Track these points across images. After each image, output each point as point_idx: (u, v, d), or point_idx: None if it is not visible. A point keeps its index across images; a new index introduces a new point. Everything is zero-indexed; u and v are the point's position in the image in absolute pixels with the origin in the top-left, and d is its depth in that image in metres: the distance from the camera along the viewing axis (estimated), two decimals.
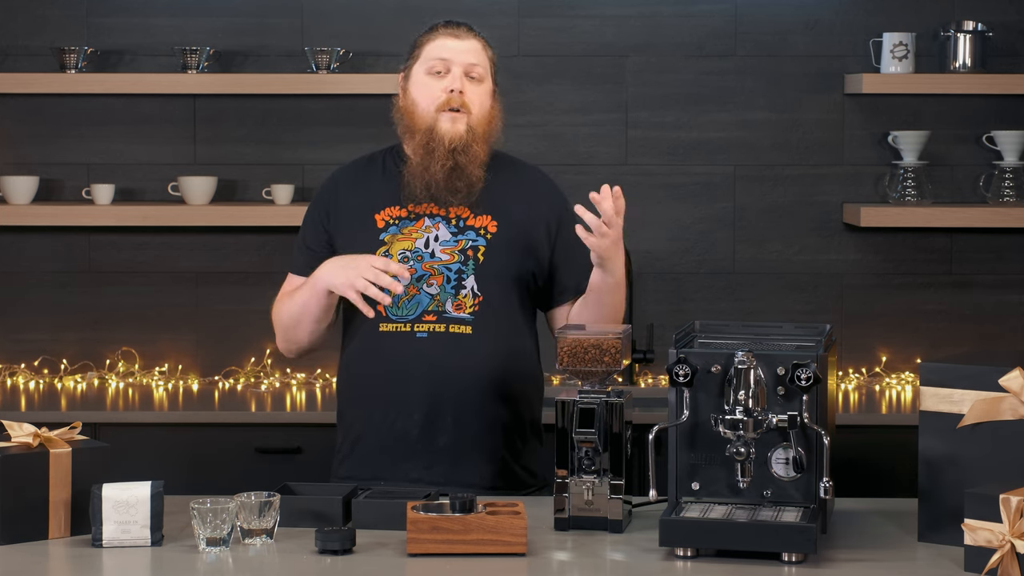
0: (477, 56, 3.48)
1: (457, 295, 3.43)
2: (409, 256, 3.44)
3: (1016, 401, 2.93)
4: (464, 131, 3.43)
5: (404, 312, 3.44)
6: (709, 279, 5.06)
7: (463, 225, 3.47)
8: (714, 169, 5.05)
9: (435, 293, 3.43)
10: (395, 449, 3.45)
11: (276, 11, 5.04)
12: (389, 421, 3.45)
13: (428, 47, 3.49)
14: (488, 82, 3.50)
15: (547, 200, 3.55)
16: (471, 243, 3.46)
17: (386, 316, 3.44)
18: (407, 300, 3.43)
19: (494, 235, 3.47)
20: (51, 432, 3.10)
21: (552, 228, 3.52)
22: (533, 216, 3.52)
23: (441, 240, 3.46)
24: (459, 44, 3.47)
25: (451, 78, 3.45)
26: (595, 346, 3.10)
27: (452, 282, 3.44)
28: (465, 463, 3.44)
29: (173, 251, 5.06)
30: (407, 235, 3.46)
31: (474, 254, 3.45)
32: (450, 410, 3.43)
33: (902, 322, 5.05)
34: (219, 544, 2.94)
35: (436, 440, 3.44)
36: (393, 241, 3.46)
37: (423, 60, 3.48)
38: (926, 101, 5.01)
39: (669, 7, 5.03)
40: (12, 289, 5.08)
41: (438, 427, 3.43)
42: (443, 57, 3.46)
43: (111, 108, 5.04)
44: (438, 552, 2.89)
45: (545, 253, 3.51)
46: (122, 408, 4.61)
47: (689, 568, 2.86)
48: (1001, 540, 2.72)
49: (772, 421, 2.94)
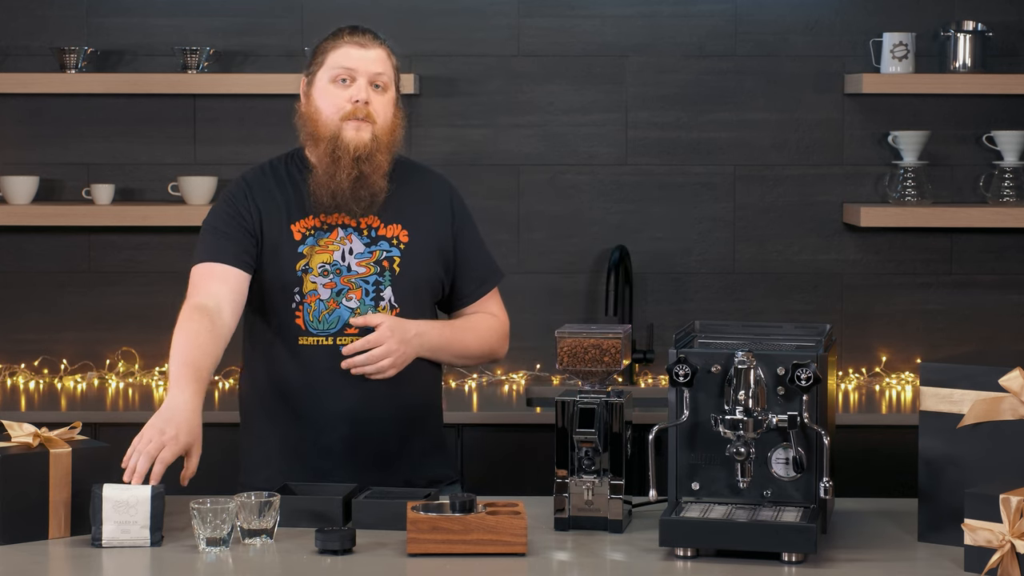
0: (382, 65, 3.45)
1: (376, 307, 3.43)
2: (328, 269, 3.42)
3: (1016, 401, 2.93)
4: (369, 140, 3.41)
5: (325, 326, 3.42)
6: (709, 279, 5.06)
7: (375, 235, 3.46)
8: (714, 169, 5.04)
9: (355, 306, 3.42)
10: (320, 461, 3.42)
11: (276, 11, 5.04)
12: (312, 435, 3.43)
13: (333, 55, 3.45)
14: (392, 91, 3.47)
15: (449, 207, 3.55)
16: (385, 254, 3.45)
17: (306, 330, 3.42)
18: (327, 314, 3.42)
19: (407, 245, 3.46)
20: (51, 432, 3.10)
21: (454, 234, 3.53)
22: (439, 224, 3.52)
23: (355, 252, 3.44)
24: (364, 53, 3.44)
25: (356, 88, 3.42)
26: (595, 346, 3.10)
27: (371, 295, 3.43)
28: (390, 469, 3.44)
29: (173, 251, 5.06)
30: (324, 247, 3.44)
31: (389, 265, 3.45)
32: (375, 421, 3.42)
33: (902, 322, 5.05)
34: (219, 544, 2.94)
35: (363, 451, 3.43)
36: (312, 254, 3.43)
37: (328, 67, 3.45)
38: (926, 101, 5.00)
39: (669, 7, 5.02)
40: (12, 289, 5.07)
41: (365, 439, 3.42)
42: (348, 66, 3.43)
43: (111, 108, 5.04)
44: (438, 552, 2.89)
45: (450, 259, 3.53)
46: (122, 408, 4.61)
47: (689, 568, 2.86)
48: (1001, 540, 2.72)
49: (772, 421, 2.94)
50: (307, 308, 3.41)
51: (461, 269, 3.55)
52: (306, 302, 3.41)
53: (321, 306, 3.41)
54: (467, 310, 3.58)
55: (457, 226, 3.54)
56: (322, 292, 3.41)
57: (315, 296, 3.41)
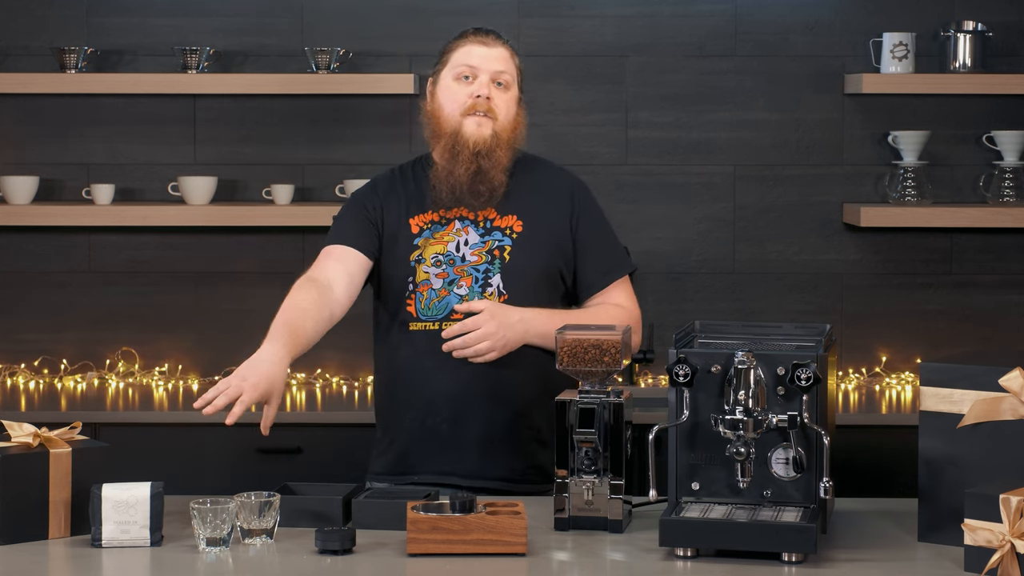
0: (505, 63, 3.53)
1: (483, 294, 3.46)
2: (441, 260, 3.49)
3: (1016, 401, 2.93)
4: (489, 135, 3.48)
5: (433, 313, 3.48)
6: (709, 279, 5.06)
7: (490, 226, 3.52)
8: (714, 169, 5.05)
9: (464, 294, 3.48)
10: (428, 445, 3.49)
11: (276, 11, 5.04)
12: (420, 417, 3.50)
13: (456, 53, 3.53)
14: (515, 89, 3.55)
15: (568, 200, 3.58)
16: (497, 243, 3.50)
17: (416, 316, 3.49)
18: (437, 301, 3.48)
19: (519, 234, 3.51)
20: (51, 432, 3.10)
21: (573, 226, 3.56)
22: (557, 215, 3.56)
23: (470, 243, 3.51)
24: (487, 51, 3.52)
25: (478, 84, 3.49)
26: (595, 346, 3.10)
27: (479, 282, 3.48)
28: (494, 458, 3.48)
29: (173, 251, 5.06)
30: (439, 239, 3.51)
31: (500, 253, 3.50)
32: (477, 406, 3.47)
33: (902, 322, 5.05)
34: (219, 544, 2.94)
35: (464, 435, 3.47)
36: (426, 245, 3.51)
37: (451, 66, 3.53)
38: (926, 101, 5.00)
39: (669, 7, 5.03)
40: (12, 289, 5.08)
41: (465, 423, 3.47)
42: (471, 64, 3.50)
43: (111, 108, 5.04)
44: (438, 552, 2.89)
45: (569, 250, 3.55)
46: (122, 408, 4.61)
47: (689, 568, 2.86)
48: (1001, 540, 2.72)
49: (772, 421, 2.94)
50: (419, 296, 3.49)
51: (583, 260, 3.56)
52: (419, 291, 3.49)
53: (432, 294, 3.48)
54: (592, 300, 3.58)
55: (577, 218, 3.56)
56: (434, 281, 3.48)
57: (427, 285, 3.49)
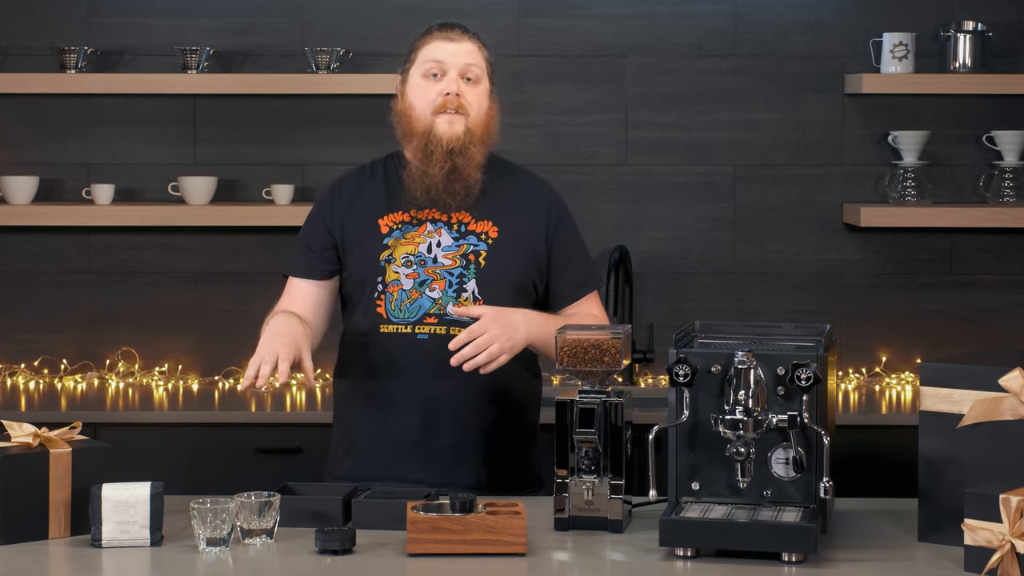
0: (473, 56, 3.48)
1: (458, 299, 3.43)
2: (412, 260, 3.45)
3: (1016, 401, 2.93)
4: (462, 132, 3.43)
5: (405, 315, 3.44)
6: (709, 279, 5.06)
7: (465, 230, 3.48)
8: (714, 169, 5.04)
9: (436, 297, 3.44)
10: (393, 451, 3.45)
11: (276, 11, 5.04)
12: (389, 422, 3.46)
13: (423, 50, 3.49)
14: (485, 82, 3.49)
15: (546, 212, 3.54)
16: (472, 248, 3.47)
17: (387, 318, 3.45)
18: (408, 303, 3.44)
19: (495, 240, 3.47)
20: (51, 432, 3.10)
21: (549, 238, 3.52)
22: (533, 226, 3.52)
23: (443, 245, 3.46)
24: (454, 46, 3.47)
25: (447, 81, 3.44)
26: (595, 346, 3.10)
27: (454, 286, 3.44)
28: (463, 465, 3.44)
29: (173, 251, 5.06)
30: (410, 239, 3.47)
31: (475, 259, 3.46)
32: (449, 412, 3.43)
33: (902, 322, 5.05)
34: (219, 544, 2.94)
35: (435, 442, 3.44)
36: (396, 245, 3.47)
37: (419, 63, 3.48)
38: (926, 101, 5.00)
39: (669, 7, 5.02)
40: (12, 289, 5.07)
41: (437, 429, 3.43)
42: (438, 59, 3.46)
43: (111, 108, 5.04)
44: (438, 552, 2.89)
45: (543, 261, 3.52)
46: (122, 408, 4.61)
47: (689, 568, 2.86)
48: (1001, 540, 2.72)
49: (772, 421, 2.94)
50: (389, 297, 3.45)
51: (557, 272, 3.53)
52: (388, 291, 3.45)
53: (403, 295, 3.44)
54: (565, 311, 3.55)
55: (554, 230, 3.52)
56: (404, 282, 3.44)
57: (398, 286, 3.44)
